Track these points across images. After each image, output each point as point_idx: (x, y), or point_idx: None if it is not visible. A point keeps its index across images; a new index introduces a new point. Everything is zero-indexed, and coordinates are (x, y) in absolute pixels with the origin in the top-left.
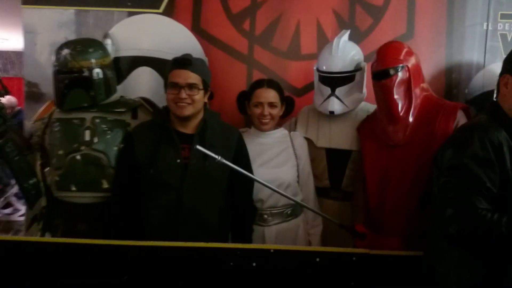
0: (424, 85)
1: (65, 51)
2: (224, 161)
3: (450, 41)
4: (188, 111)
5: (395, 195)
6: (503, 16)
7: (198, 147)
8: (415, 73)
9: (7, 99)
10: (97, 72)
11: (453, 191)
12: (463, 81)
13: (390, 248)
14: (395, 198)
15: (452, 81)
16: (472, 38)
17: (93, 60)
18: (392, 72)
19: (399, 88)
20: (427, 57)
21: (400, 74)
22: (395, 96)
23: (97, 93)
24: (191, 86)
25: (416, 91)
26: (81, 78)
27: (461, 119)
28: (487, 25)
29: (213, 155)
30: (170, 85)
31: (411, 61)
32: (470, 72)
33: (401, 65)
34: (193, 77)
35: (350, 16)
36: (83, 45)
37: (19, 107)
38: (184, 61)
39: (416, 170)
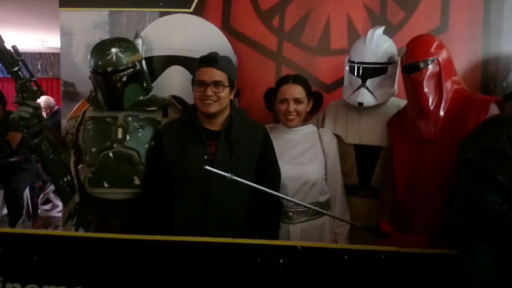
0: (456, 78)
1: (114, 50)
2: (235, 177)
3: (487, 33)
4: (214, 108)
5: (425, 192)
6: None
7: (207, 167)
8: (446, 66)
9: (45, 100)
10: (144, 63)
11: (463, 182)
12: (500, 74)
13: (417, 246)
14: (425, 195)
15: (489, 75)
16: (510, 30)
17: (139, 54)
18: (422, 65)
19: (430, 81)
20: (462, 51)
21: (430, 67)
22: (425, 90)
23: (148, 84)
24: (216, 84)
25: (447, 85)
26: (137, 72)
27: (493, 112)
28: None
29: (222, 173)
30: (196, 83)
31: (442, 54)
32: (508, 65)
33: (431, 58)
34: (218, 75)
35: (382, 10)
36: (124, 41)
37: (57, 107)
38: (210, 59)
39: (447, 166)
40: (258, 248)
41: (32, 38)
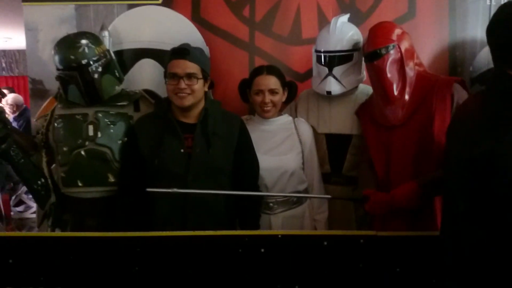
0: (418, 61)
1: (84, 42)
2: (180, 190)
3: (453, 18)
4: (188, 101)
5: (399, 174)
6: None
7: (148, 189)
8: (407, 51)
9: (13, 97)
10: (112, 53)
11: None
12: (467, 58)
13: (409, 193)
14: (400, 177)
15: (456, 59)
16: (475, 14)
17: (103, 44)
18: (383, 51)
19: (392, 67)
20: (430, 36)
21: (391, 53)
22: (388, 76)
23: (120, 73)
24: (190, 76)
25: (410, 70)
26: (108, 62)
27: (458, 92)
28: (490, 0)
29: (166, 190)
30: (169, 76)
31: (402, 40)
32: (474, 49)
33: (392, 44)
34: (191, 67)
35: None
36: (88, 34)
37: (25, 105)
38: (182, 51)
39: (418, 148)
40: (239, 239)
41: None
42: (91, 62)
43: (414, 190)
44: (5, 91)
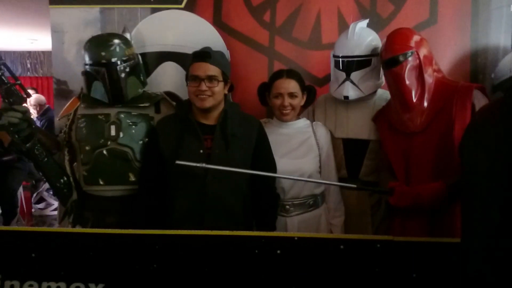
0: (436, 67)
1: (116, 41)
2: (208, 166)
3: (475, 24)
4: (208, 103)
5: (420, 180)
6: None
7: (178, 162)
8: (426, 58)
9: (36, 98)
10: (139, 57)
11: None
12: (489, 65)
13: (435, 192)
14: (420, 183)
15: (477, 66)
16: (498, 21)
17: (133, 47)
18: (401, 58)
19: (410, 74)
20: (451, 43)
21: (410, 60)
22: (407, 83)
23: (144, 77)
24: (210, 78)
25: (428, 76)
26: (136, 64)
27: (478, 99)
28: None
29: (195, 164)
30: (190, 78)
31: (420, 46)
32: (496, 56)
33: (410, 51)
34: (212, 70)
35: (372, 3)
36: (120, 35)
37: (47, 105)
38: (204, 54)
39: (438, 155)
40: (256, 240)
41: (21, 37)
42: (120, 62)
43: (440, 189)
44: (30, 91)
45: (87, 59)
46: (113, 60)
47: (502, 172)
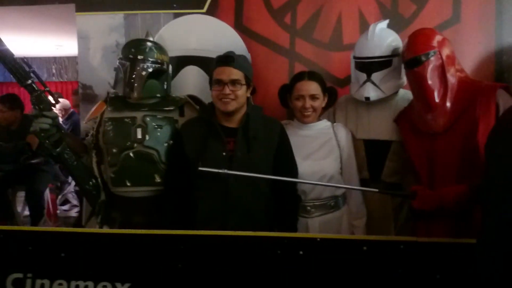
0: (459, 67)
1: (149, 44)
2: (230, 172)
3: (500, 23)
4: (231, 106)
5: (444, 182)
6: None
7: (201, 168)
8: (448, 57)
9: (61, 103)
10: (170, 67)
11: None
12: None
13: (458, 196)
14: (444, 185)
15: (503, 65)
16: None
17: (167, 57)
18: (423, 58)
19: (433, 74)
20: (475, 42)
21: (432, 60)
22: (430, 83)
23: (168, 87)
24: (234, 82)
25: (451, 76)
26: (161, 70)
27: (503, 99)
28: None
29: (217, 170)
30: (214, 82)
31: (443, 46)
32: None
33: (432, 51)
34: (235, 73)
35: (393, 3)
36: (158, 43)
37: (72, 109)
38: (227, 59)
39: (462, 156)
40: (278, 241)
41: (47, 43)
42: (145, 61)
43: (464, 192)
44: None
45: (120, 55)
46: (139, 57)
47: None
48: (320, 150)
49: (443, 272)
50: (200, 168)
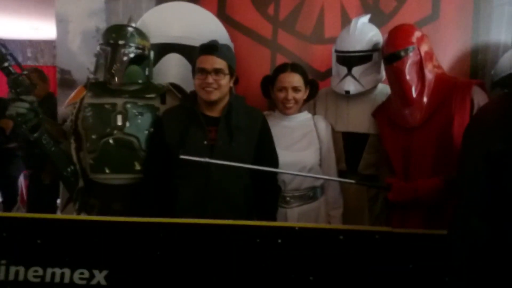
0: (436, 63)
1: (130, 29)
2: (212, 161)
3: (477, 21)
4: (214, 95)
5: (419, 175)
6: None
7: (182, 156)
8: (426, 54)
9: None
10: (152, 53)
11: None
12: (489, 62)
13: (433, 187)
14: (419, 178)
15: (478, 63)
16: (499, 18)
17: (148, 42)
18: (402, 54)
19: (411, 69)
20: (453, 38)
21: (411, 56)
22: (408, 78)
23: (150, 73)
24: (217, 71)
25: (428, 71)
26: (143, 56)
27: (477, 95)
28: None
29: (199, 159)
30: (197, 71)
31: (421, 42)
32: (496, 53)
33: (411, 46)
34: (219, 63)
35: None
36: (139, 29)
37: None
38: (211, 47)
39: (437, 150)
40: (258, 229)
41: (23, 25)
42: (127, 46)
43: (438, 185)
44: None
45: (101, 40)
46: (120, 42)
47: (486, 158)
48: (301, 142)
49: (416, 262)
50: (182, 156)
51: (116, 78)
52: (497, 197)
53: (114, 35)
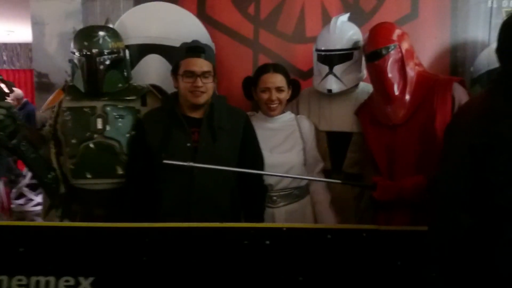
0: (417, 61)
1: (101, 33)
2: (195, 165)
3: (455, 19)
4: (203, 99)
5: (403, 172)
6: None
7: (165, 161)
8: (408, 51)
9: (13, 92)
10: (127, 52)
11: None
12: (468, 59)
13: (416, 185)
14: (403, 175)
15: (457, 60)
16: (476, 16)
17: (123, 42)
18: (384, 52)
19: (393, 67)
20: (432, 37)
21: (392, 53)
22: (389, 76)
23: (128, 73)
24: (205, 74)
25: (410, 69)
26: (120, 59)
27: (458, 92)
28: (492, 3)
29: (182, 163)
30: (185, 74)
31: (402, 40)
32: (475, 50)
33: (393, 44)
34: (207, 65)
35: None
36: (111, 29)
37: (25, 99)
38: (198, 49)
39: (420, 147)
40: (245, 231)
41: None
42: (101, 54)
43: (421, 182)
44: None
45: (72, 47)
46: (94, 51)
47: (469, 150)
48: (285, 143)
49: (404, 259)
50: (165, 161)
51: (96, 89)
52: (480, 189)
53: (87, 43)
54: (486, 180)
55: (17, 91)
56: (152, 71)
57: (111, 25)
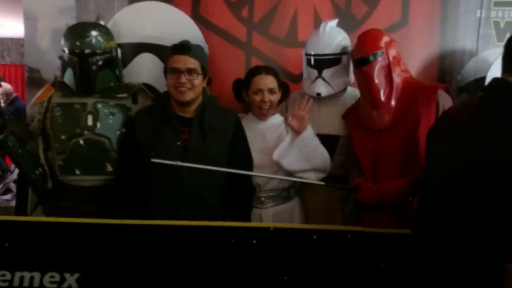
0: (404, 67)
1: (94, 33)
2: (184, 164)
3: (444, 28)
4: (188, 96)
5: (387, 176)
6: (496, 4)
7: (153, 160)
8: (394, 58)
9: (2, 87)
10: (119, 51)
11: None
12: (456, 68)
13: (397, 188)
14: (387, 179)
15: (445, 68)
16: (465, 25)
17: (115, 41)
18: (371, 58)
19: (380, 73)
20: (421, 44)
21: (379, 60)
22: (376, 82)
23: (120, 72)
24: (190, 71)
25: (396, 75)
26: (112, 59)
27: (443, 99)
28: (481, 13)
29: (171, 162)
30: (170, 71)
31: (389, 47)
32: (463, 59)
33: (380, 51)
34: (192, 62)
35: (347, 4)
36: (103, 27)
37: (15, 94)
38: (183, 47)
39: (404, 151)
40: (233, 230)
41: None
42: (94, 54)
43: (403, 186)
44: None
45: (63, 45)
46: (87, 51)
47: (468, 163)
48: (274, 144)
49: (387, 261)
50: (153, 160)
51: (88, 88)
52: (478, 202)
53: (79, 43)
54: (485, 195)
55: (7, 86)
56: (145, 70)
57: (102, 22)
